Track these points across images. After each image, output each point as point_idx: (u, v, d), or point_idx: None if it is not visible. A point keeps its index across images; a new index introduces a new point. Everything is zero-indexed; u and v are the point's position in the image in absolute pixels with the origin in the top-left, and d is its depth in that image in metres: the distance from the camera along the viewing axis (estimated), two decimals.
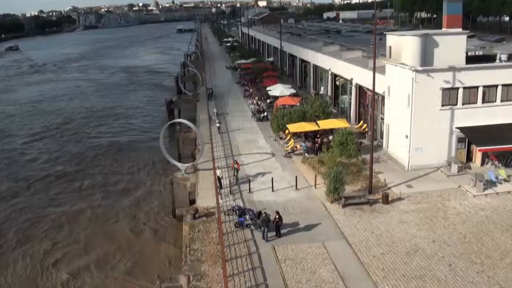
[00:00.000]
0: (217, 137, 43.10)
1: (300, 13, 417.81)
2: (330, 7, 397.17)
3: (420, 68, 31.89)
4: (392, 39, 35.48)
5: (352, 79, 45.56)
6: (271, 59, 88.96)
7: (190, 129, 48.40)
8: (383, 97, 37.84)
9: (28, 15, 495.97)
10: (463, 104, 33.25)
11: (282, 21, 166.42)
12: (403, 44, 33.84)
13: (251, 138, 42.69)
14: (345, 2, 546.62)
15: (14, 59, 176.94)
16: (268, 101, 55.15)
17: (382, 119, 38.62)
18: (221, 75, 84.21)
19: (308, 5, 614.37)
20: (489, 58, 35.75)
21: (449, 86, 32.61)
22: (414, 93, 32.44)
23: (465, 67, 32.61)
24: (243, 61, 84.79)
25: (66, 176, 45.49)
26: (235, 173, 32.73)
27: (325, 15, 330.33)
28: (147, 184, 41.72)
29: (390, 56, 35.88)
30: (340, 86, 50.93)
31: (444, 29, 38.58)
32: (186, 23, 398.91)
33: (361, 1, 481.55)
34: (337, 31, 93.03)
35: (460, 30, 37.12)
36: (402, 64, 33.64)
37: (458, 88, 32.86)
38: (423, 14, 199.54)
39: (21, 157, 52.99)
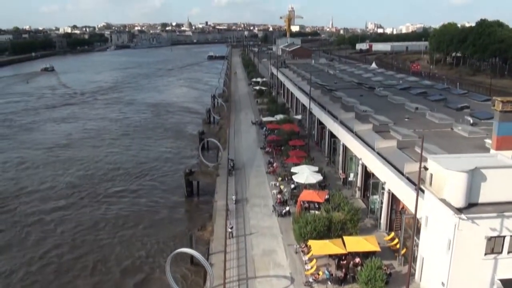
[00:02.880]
0: (231, 244, 39.51)
1: (332, 42, 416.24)
2: (363, 37, 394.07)
3: (465, 217, 27.86)
4: (435, 167, 31.31)
5: (385, 182, 41.68)
6: (299, 117, 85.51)
7: (205, 224, 45.55)
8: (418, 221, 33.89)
9: (61, 30, 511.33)
10: (508, 252, 29.12)
11: (313, 61, 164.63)
12: (447, 177, 29.79)
13: (269, 248, 38.93)
14: (379, 30, 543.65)
15: (46, 85, 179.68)
16: (292, 186, 51.58)
17: (417, 245, 34.52)
18: (245, 132, 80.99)
19: (341, 31, 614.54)
20: None
21: (495, 234, 28.52)
22: (455, 240, 28.43)
23: None
24: (269, 118, 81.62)
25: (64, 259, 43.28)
26: None
27: (357, 46, 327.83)
28: None
29: (431, 184, 31.85)
30: (371, 175, 46.90)
31: (493, 152, 34.52)
32: (218, 47, 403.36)
33: (394, 32, 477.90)
34: (370, 87, 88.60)
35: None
36: (444, 201, 29.67)
37: (504, 237, 28.75)
38: (458, 53, 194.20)
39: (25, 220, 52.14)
